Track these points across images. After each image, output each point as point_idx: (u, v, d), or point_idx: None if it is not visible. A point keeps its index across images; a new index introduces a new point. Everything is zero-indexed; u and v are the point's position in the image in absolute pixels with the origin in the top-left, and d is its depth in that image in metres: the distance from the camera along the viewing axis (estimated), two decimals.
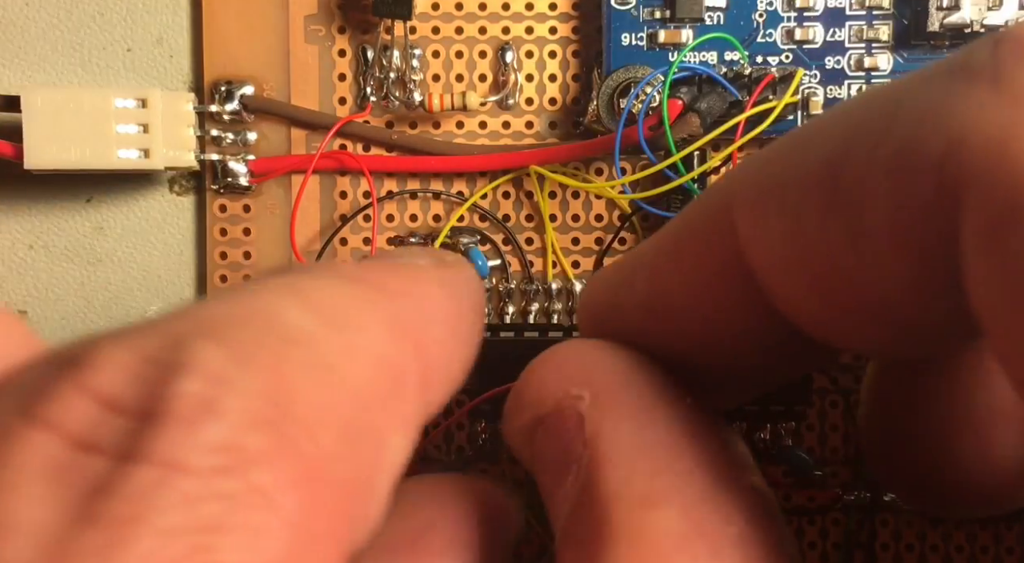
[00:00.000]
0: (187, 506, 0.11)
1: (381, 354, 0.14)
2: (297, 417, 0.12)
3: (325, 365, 0.13)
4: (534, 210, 0.38)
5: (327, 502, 0.12)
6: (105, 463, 0.12)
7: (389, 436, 0.14)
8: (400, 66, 0.38)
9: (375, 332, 0.15)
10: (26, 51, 0.38)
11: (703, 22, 0.37)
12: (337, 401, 0.13)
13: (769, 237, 0.16)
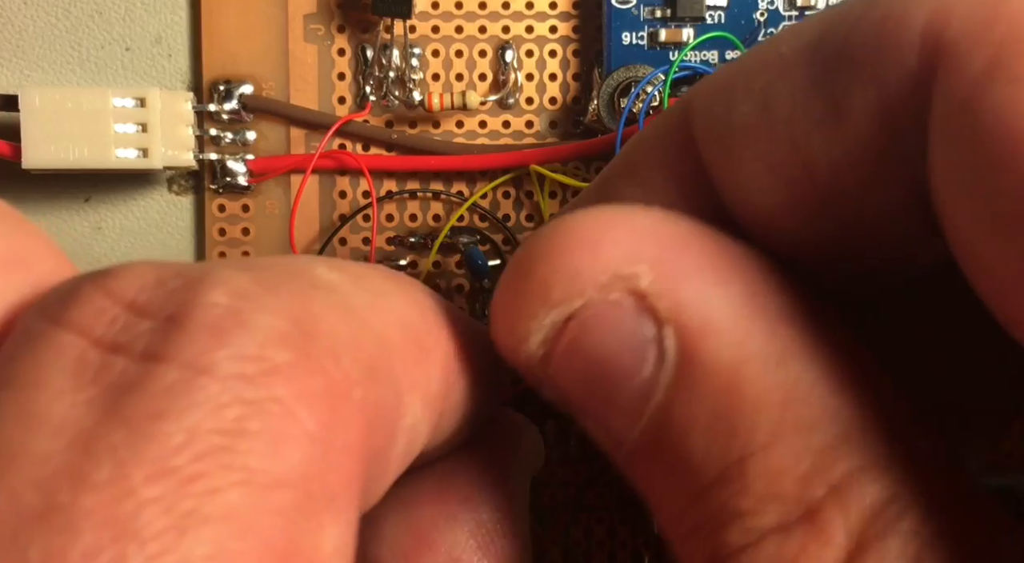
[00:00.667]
0: (211, 408, 0.11)
1: (406, 319, 0.14)
2: (321, 340, 0.13)
3: (350, 308, 0.13)
4: (534, 210, 0.38)
5: (347, 422, 0.12)
6: (132, 363, 0.12)
7: (410, 395, 0.14)
8: (400, 65, 0.37)
9: (400, 301, 0.15)
10: (24, 50, 0.38)
11: (704, 21, 0.37)
12: (361, 339, 0.13)
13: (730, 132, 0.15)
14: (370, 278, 0.15)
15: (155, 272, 0.13)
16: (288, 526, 0.11)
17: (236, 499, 0.11)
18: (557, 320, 0.15)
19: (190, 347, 0.12)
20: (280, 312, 0.12)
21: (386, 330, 0.14)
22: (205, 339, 0.12)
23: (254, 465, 0.11)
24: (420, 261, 0.38)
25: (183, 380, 0.12)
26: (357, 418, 0.13)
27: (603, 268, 0.15)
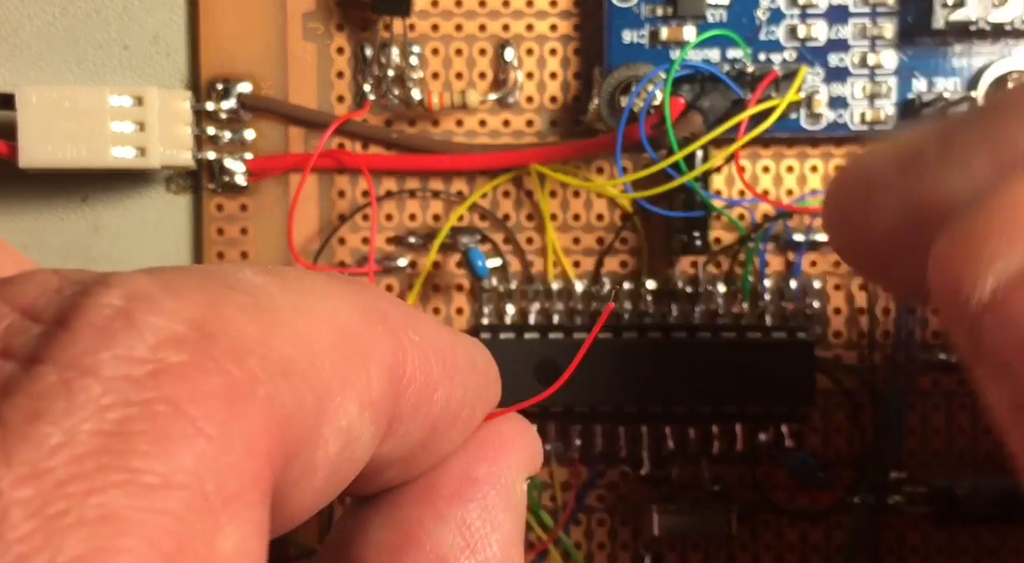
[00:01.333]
0: (92, 410, 0.11)
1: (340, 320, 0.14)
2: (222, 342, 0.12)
3: (266, 309, 0.13)
4: (535, 209, 0.38)
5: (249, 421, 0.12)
6: (15, 367, 0.11)
7: (341, 397, 0.14)
8: (399, 64, 0.37)
9: (337, 303, 0.14)
10: (21, 48, 0.37)
11: (705, 19, 0.36)
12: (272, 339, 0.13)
13: None
14: (304, 281, 0.14)
15: (58, 279, 0.13)
16: (178, 526, 0.11)
17: (116, 499, 0.11)
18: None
19: (73, 348, 0.12)
20: (178, 314, 0.12)
21: (309, 330, 0.13)
22: (90, 340, 0.12)
23: (138, 465, 0.11)
24: (420, 261, 0.38)
25: (64, 381, 0.11)
26: (261, 416, 0.12)
27: None
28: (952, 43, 0.36)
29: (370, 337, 0.14)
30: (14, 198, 0.38)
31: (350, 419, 0.14)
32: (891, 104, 0.37)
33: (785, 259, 0.38)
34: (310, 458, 0.13)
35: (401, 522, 0.16)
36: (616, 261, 0.38)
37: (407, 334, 0.15)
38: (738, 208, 0.37)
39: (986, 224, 0.15)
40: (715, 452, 0.38)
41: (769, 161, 0.38)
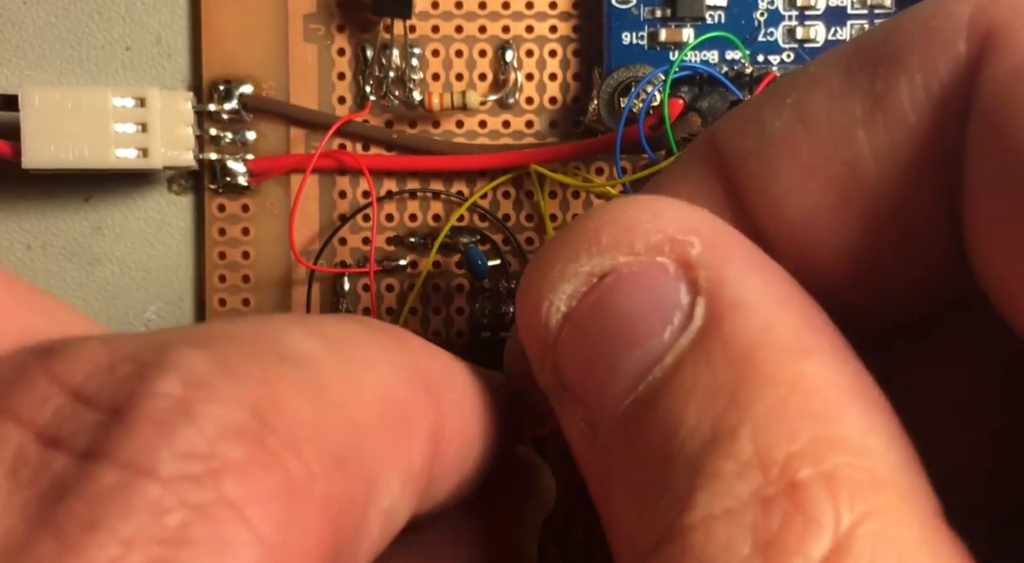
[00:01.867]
0: (151, 514, 0.11)
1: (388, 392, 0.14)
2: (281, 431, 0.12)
3: (320, 387, 0.13)
4: (534, 210, 0.38)
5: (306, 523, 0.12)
6: (71, 462, 0.11)
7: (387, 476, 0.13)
8: (400, 65, 0.37)
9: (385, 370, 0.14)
10: (24, 50, 0.38)
11: (704, 21, 0.37)
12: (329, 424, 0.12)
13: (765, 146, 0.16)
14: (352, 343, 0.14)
15: (107, 354, 0.12)
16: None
17: None
18: (595, 270, 0.15)
19: (132, 444, 0.11)
20: (237, 400, 0.12)
21: (362, 408, 0.13)
22: (149, 435, 0.11)
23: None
24: (420, 261, 0.38)
25: (122, 483, 0.11)
26: (317, 516, 0.12)
27: (658, 229, 0.15)
28: None
29: (415, 406, 0.14)
30: (17, 199, 0.38)
31: (392, 498, 0.13)
32: None
33: None
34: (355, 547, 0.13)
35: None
36: None
37: (446, 394, 0.15)
38: None
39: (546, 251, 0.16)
40: None
41: None
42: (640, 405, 0.15)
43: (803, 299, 0.15)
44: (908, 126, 0.15)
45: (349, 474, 0.12)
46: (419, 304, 0.38)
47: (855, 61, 0.15)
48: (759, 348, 0.14)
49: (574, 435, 0.16)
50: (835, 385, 0.14)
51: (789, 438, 0.13)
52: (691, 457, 0.13)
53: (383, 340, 0.14)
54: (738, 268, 0.15)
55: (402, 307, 0.38)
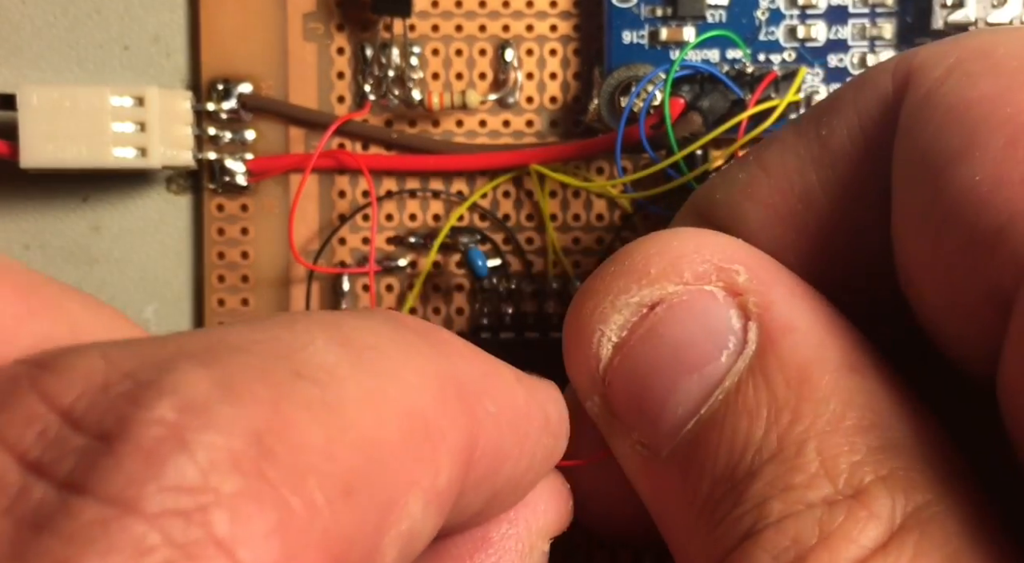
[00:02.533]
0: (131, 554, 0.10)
1: (414, 405, 0.13)
2: (284, 460, 0.11)
3: (336, 407, 0.12)
4: (534, 209, 0.38)
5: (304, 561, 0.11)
6: (51, 490, 0.10)
7: (406, 498, 0.13)
8: (399, 64, 0.37)
9: (413, 380, 0.13)
10: (22, 48, 0.37)
11: (705, 20, 0.37)
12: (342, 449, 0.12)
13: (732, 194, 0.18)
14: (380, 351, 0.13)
15: (104, 370, 0.11)
16: None
17: None
18: (645, 301, 0.16)
19: (117, 477, 0.10)
20: (237, 426, 0.11)
21: (381, 427, 0.12)
22: (136, 467, 0.10)
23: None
24: (420, 261, 0.38)
25: (104, 519, 0.10)
26: (318, 553, 0.11)
27: (704, 258, 0.16)
28: None
29: (444, 419, 0.13)
30: (15, 198, 0.38)
31: (413, 520, 0.13)
32: None
33: None
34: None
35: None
36: None
37: (482, 404, 0.14)
38: None
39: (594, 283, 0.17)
40: None
41: None
42: (704, 426, 0.15)
43: (844, 322, 0.16)
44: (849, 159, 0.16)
45: (360, 503, 0.12)
46: (419, 304, 0.38)
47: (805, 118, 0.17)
48: (813, 367, 0.15)
49: (631, 459, 0.17)
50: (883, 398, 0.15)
51: (851, 449, 0.14)
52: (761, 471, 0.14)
53: (416, 345, 0.14)
54: (784, 293, 0.16)
55: (402, 307, 0.38)
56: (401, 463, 0.12)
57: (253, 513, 0.10)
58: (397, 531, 0.12)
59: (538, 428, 0.16)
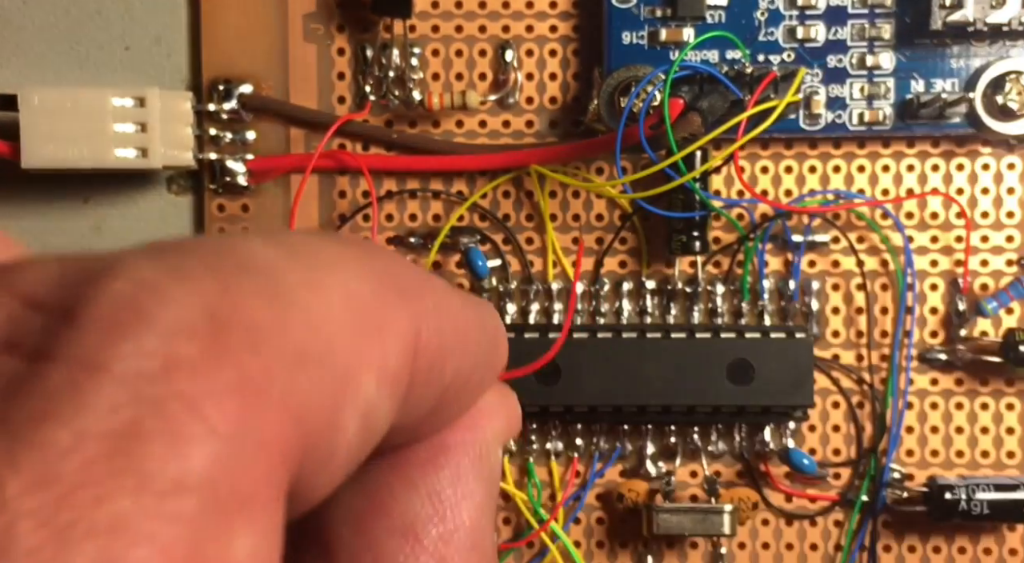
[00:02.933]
0: (103, 409, 0.11)
1: (356, 295, 0.13)
2: (239, 332, 0.12)
3: (279, 289, 0.12)
4: (534, 209, 0.38)
5: (264, 418, 0.12)
6: (20, 363, 0.11)
7: (359, 374, 0.13)
8: (399, 65, 0.37)
9: (353, 275, 0.14)
10: (23, 50, 0.38)
11: (704, 20, 0.37)
12: (289, 323, 0.12)
13: None
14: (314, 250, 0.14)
15: (59, 266, 0.12)
16: (191, 534, 0.11)
17: (126, 507, 0.10)
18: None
19: (81, 342, 0.11)
20: (190, 301, 0.11)
21: (326, 309, 0.13)
22: (98, 333, 0.11)
23: (150, 468, 0.10)
24: (420, 261, 0.38)
25: (73, 380, 0.11)
26: (277, 413, 0.12)
27: None
28: (950, 44, 0.36)
29: (385, 308, 0.14)
30: (16, 199, 0.38)
31: (368, 397, 0.13)
32: (889, 105, 0.37)
33: (784, 259, 0.38)
34: (328, 446, 0.13)
35: (371, 489, 0.16)
36: (615, 261, 0.38)
37: (421, 300, 0.14)
38: (737, 208, 0.38)
39: None
40: (714, 451, 0.38)
41: (768, 161, 0.38)
42: None
43: None
44: None
45: (315, 373, 0.12)
46: None
47: None
48: None
49: None
50: None
51: None
52: None
53: (351, 247, 0.14)
54: None
55: None
56: (350, 343, 0.13)
57: (212, 372, 0.11)
58: (354, 406, 0.13)
59: (477, 328, 0.16)
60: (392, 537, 0.15)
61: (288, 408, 0.12)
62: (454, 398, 0.16)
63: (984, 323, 0.37)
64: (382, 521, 0.16)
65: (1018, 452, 0.38)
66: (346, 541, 0.15)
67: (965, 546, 0.38)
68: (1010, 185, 0.37)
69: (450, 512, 0.16)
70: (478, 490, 0.16)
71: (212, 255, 0.12)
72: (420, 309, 0.14)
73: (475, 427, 0.16)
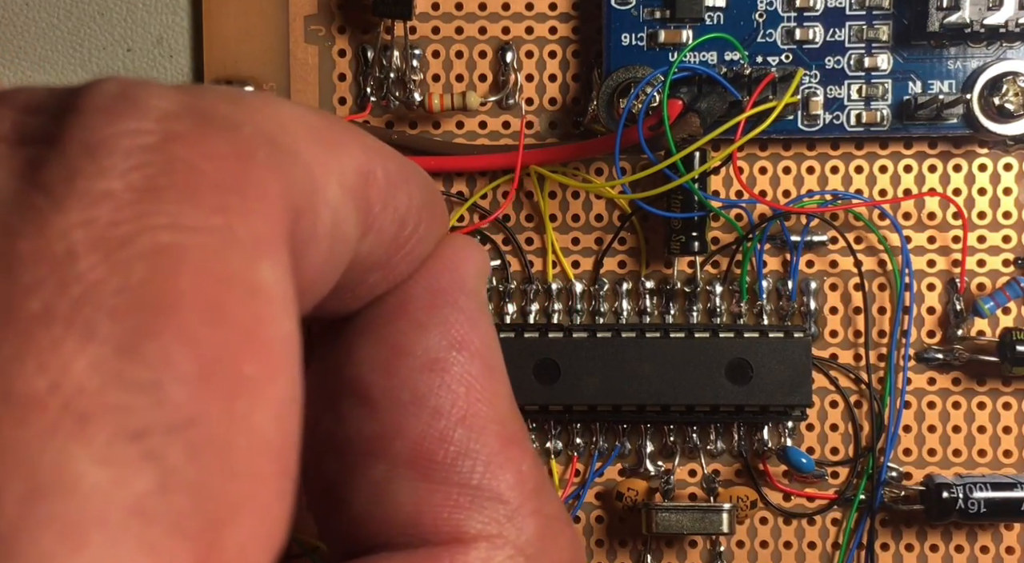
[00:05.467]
0: (119, 171, 0.12)
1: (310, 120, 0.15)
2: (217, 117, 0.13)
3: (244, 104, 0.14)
4: (534, 210, 0.38)
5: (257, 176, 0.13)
6: (36, 148, 0.12)
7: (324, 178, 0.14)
8: (400, 66, 0.38)
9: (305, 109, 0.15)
10: (26, 51, 0.38)
11: (703, 22, 0.37)
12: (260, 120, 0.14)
13: None
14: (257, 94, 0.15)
15: (45, 87, 0.13)
16: (224, 256, 0.12)
17: (164, 236, 0.12)
18: None
19: (89, 125, 0.12)
20: (171, 97, 0.13)
21: (287, 118, 0.14)
22: (100, 117, 0.12)
23: (174, 211, 0.12)
24: None
25: (87, 150, 0.12)
26: (268, 172, 0.13)
27: None
28: (947, 46, 0.37)
29: (336, 134, 0.15)
30: None
31: (334, 199, 0.14)
32: (887, 106, 0.37)
33: (782, 259, 0.38)
34: (312, 224, 0.14)
35: (386, 337, 0.17)
36: (615, 261, 0.38)
37: (366, 138, 0.16)
38: (735, 209, 0.38)
39: None
40: (713, 450, 0.38)
41: (766, 162, 0.38)
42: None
43: None
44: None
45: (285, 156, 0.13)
46: None
47: None
48: None
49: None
50: None
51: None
52: None
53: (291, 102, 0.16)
54: None
55: None
56: (311, 149, 0.14)
57: (206, 141, 0.13)
58: (324, 202, 0.14)
59: (416, 172, 0.17)
60: (421, 372, 0.17)
61: (273, 171, 0.13)
62: (414, 229, 0.17)
63: (981, 323, 0.38)
64: (407, 360, 0.17)
65: (1015, 451, 0.38)
66: (381, 386, 0.17)
67: (962, 544, 0.38)
68: (1007, 186, 0.38)
69: (464, 339, 0.17)
70: (481, 319, 0.18)
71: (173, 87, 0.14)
72: (366, 143, 0.16)
73: (456, 268, 0.18)
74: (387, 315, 0.17)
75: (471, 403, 0.17)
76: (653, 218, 0.38)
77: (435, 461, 0.16)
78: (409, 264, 0.17)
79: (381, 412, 0.16)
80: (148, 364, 0.11)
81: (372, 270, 0.16)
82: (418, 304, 0.17)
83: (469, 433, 0.17)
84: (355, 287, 0.17)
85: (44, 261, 0.11)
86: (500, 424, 0.17)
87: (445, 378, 0.17)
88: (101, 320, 0.11)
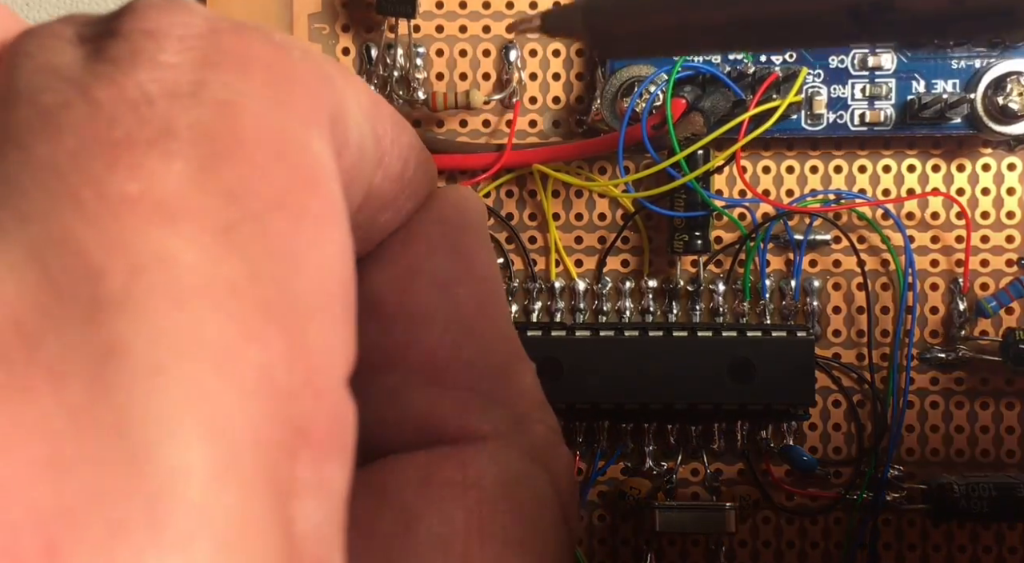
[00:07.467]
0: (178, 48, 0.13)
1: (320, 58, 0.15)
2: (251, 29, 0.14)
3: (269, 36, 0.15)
4: (537, 209, 0.38)
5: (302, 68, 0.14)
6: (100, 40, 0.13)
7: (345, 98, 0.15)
8: (404, 64, 0.38)
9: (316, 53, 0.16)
10: None
11: None
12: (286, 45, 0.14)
13: None
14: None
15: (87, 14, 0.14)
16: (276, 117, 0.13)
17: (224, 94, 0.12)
18: None
19: (144, 16, 0.13)
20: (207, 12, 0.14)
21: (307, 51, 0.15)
22: (155, 11, 0.13)
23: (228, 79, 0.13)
24: None
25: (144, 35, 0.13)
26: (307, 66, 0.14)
27: None
28: (951, 45, 0.37)
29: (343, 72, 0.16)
30: None
31: (356, 118, 0.15)
32: (890, 105, 0.37)
33: (785, 258, 0.38)
34: (344, 130, 0.14)
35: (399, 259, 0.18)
36: (618, 260, 0.38)
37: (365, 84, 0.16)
38: (739, 208, 0.38)
39: None
40: (716, 449, 0.38)
41: (770, 161, 0.38)
42: None
43: None
44: None
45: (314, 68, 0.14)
46: None
47: None
48: None
49: None
50: None
51: None
52: None
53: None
54: None
55: None
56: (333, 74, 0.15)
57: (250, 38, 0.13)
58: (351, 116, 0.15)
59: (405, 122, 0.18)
60: (433, 288, 0.17)
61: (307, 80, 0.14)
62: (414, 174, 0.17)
63: (984, 323, 0.38)
64: (420, 278, 0.18)
65: (1018, 451, 0.38)
66: (395, 302, 0.17)
67: (965, 544, 0.38)
68: (1010, 186, 0.38)
69: (472, 262, 0.18)
70: (486, 246, 0.18)
71: None
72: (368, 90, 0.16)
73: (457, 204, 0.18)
74: (399, 243, 0.18)
75: (481, 318, 0.17)
76: (656, 217, 0.38)
77: (448, 368, 0.17)
78: (414, 205, 0.18)
79: (396, 325, 0.17)
80: (228, 180, 0.12)
81: (383, 209, 0.17)
82: (429, 230, 0.18)
83: (480, 344, 0.17)
84: (368, 226, 0.17)
85: (122, 102, 0.12)
86: (506, 341, 0.18)
87: (457, 295, 0.17)
88: (180, 146, 0.12)
